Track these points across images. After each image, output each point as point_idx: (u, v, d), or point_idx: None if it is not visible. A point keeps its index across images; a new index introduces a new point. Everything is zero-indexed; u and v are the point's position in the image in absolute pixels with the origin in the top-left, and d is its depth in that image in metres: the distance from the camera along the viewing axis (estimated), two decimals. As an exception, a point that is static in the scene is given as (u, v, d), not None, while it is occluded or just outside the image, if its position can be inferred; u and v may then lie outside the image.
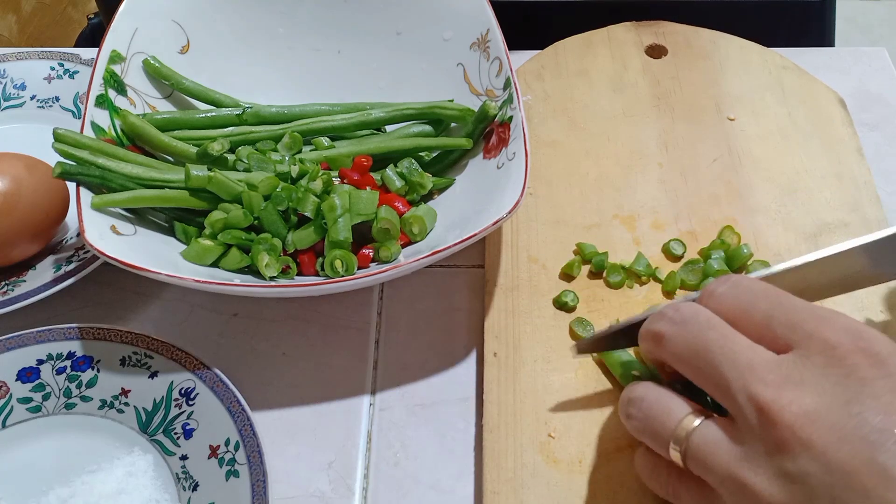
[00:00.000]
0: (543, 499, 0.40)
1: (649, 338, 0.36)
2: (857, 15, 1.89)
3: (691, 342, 0.34)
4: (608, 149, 0.55)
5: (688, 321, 0.35)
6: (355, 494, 0.42)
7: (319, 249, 0.47)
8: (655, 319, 0.36)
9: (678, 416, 0.34)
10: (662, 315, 0.36)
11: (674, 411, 0.34)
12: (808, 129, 0.55)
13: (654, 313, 0.37)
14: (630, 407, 0.36)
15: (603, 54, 0.60)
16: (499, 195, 0.45)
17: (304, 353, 0.48)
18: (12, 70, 0.60)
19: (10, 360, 0.45)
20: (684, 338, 0.34)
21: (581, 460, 0.41)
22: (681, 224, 0.50)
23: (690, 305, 0.36)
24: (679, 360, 0.35)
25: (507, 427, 0.42)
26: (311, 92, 0.56)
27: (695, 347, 0.34)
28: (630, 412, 0.36)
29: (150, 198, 0.46)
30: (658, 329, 0.36)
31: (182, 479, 0.42)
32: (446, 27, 0.55)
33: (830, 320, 0.32)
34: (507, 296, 0.47)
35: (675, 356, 0.35)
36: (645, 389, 0.36)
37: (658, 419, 0.34)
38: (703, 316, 0.35)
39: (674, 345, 0.35)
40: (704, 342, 0.34)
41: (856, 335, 0.31)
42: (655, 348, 0.36)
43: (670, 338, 0.35)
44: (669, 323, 0.35)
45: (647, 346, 0.37)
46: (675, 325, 0.35)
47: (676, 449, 0.33)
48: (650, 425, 0.35)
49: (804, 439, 0.29)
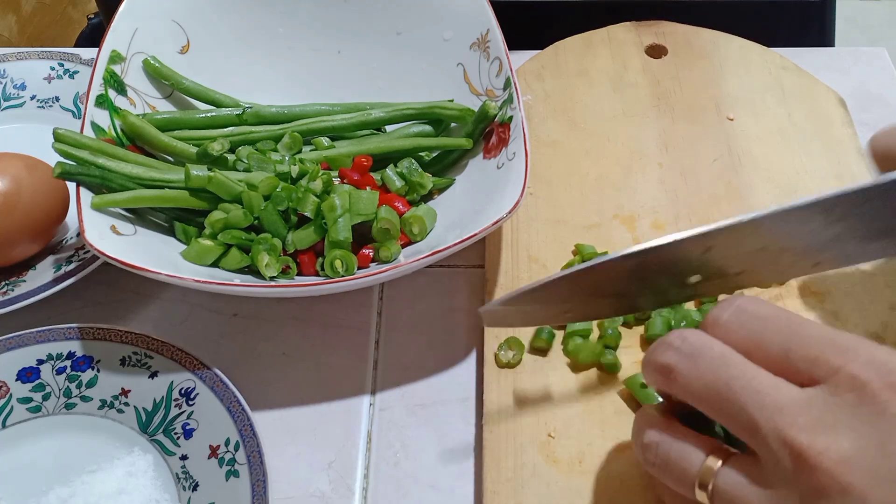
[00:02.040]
0: (543, 498, 0.40)
1: (657, 370, 0.34)
2: (857, 15, 1.89)
3: (709, 379, 0.32)
4: (608, 149, 0.55)
5: (699, 354, 0.33)
6: (355, 494, 0.42)
7: (319, 249, 0.47)
8: (661, 350, 0.34)
9: (699, 460, 0.32)
10: (668, 345, 0.34)
11: (693, 455, 0.33)
12: (808, 129, 0.55)
13: (659, 342, 0.35)
14: (647, 453, 0.34)
15: (603, 54, 0.60)
16: (499, 195, 0.45)
17: (304, 353, 0.48)
18: (12, 70, 0.60)
19: (10, 360, 0.44)
20: (699, 374, 0.32)
21: (581, 460, 0.41)
22: (681, 224, 0.50)
23: (698, 334, 0.34)
24: (694, 396, 0.33)
25: (507, 427, 0.42)
26: (311, 92, 0.56)
27: (714, 386, 0.32)
28: (648, 458, 0.34)
29: (150, 198, 0.46)
30: (666, 362, 0.34)
31: (182, 479, 0.42)
32: (446, 27, 0.55)
33: (854, 352, 0.31)
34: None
35: (690, 393, 0.33)
36: (658, 435, 0.34)
37: (678, 464, 0.33)
38: (717, 349, 0.33)
39: (687, 381, 0.33)
40: (724, 380, 0.32)
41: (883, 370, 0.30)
42: (664, 382, 0.34)
43: (682, 372, 0.33)
44: (678, 355, 0.33)
45: (653, 379, 0.35)
46: (685, 359, 0.33)
47: (703, 492, 0.32)
48: (671, 471, 0.33)
49: (843, 485, 0.28)
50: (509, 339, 0.45)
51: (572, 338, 0.44)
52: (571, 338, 0.44)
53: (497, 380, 0.44)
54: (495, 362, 0.44)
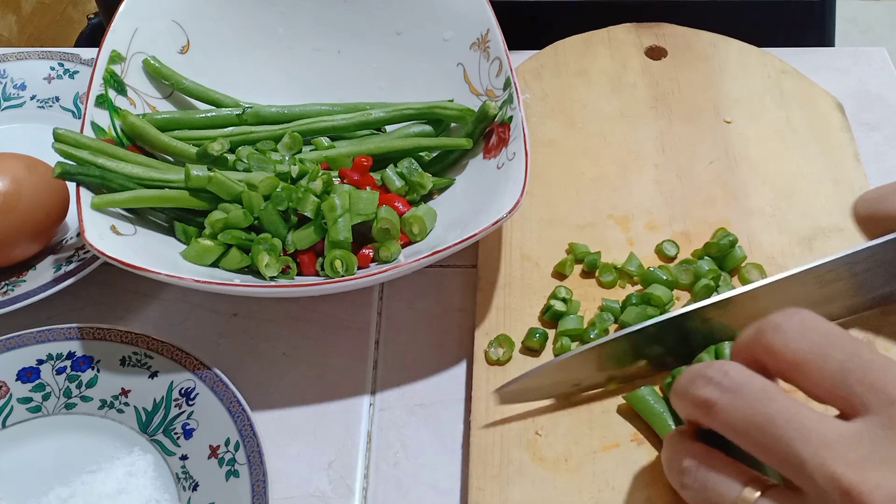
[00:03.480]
0: (529, 496, 0.40)
1: (695, 405, 0.33)
2: (857, 15, 1.89)
3: (751, 415, 0.31)
4: (605, 149, 0.55)
5: (742, 389, 0.32)
6: (355, 494, 0.42)
7: (319, 249, 0.47)
8: (701, 384, 0.33)
9: (737, 489, 0.32)
10: (707, 379, 0.33)
11: (731, 482, 0.32)
12: (805, 133, 0.55)
13: (695, 375, 0.34)
14: (683, 476, 0.34)
15: (602, 55, 0.60)
16: (499, 195, 0.45)
17: (304, 353, 0.48)
18: (12, 70, 0.60)
19: (10, 360, 0.45)
20: (741, 409, 0.32)
21: (567, 458, 0.41)
22: (675, 225, 0.50)
23: (738, 368, 0.33)
24: (735, 432, 0.32)
25: (494, 424, 0.42)
26: (311, 92, 0.56)
27: (756, 421, 0.31)
28: (685, 482, 0.34)
29: (150, 198, 0.46)
30: (707, 397, 0.33)
31: (182, 479, 0.42)
32: (446, 27, 0.55)
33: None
34: (499, 293, 0.47)
35: (731, 428, 0.32)
36: (697, 457, 0.34)
37: (716, 491, 0.32)
38: (758, 383, 0.32)
39: (728, 416, 0.32)
40: (767, 415, 0.31)
41: None
42: (703, 417, 0.33)
43: (723, 408, 0.32)
44: (719, 390, 0.32)
45: (690, 413, 0.34)
46: (726, 393, 0.32)
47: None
48: (708, 497, 0.33)
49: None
50: (499, 336, 0.45)
51: (562, 338, 0.45)
52: (562, 338, 0.45)
53: (486, 377, 0.44)
54: (485, 359, 0.45)
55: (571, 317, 0.45)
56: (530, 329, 0.45)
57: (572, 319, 0.45)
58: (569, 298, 0.46)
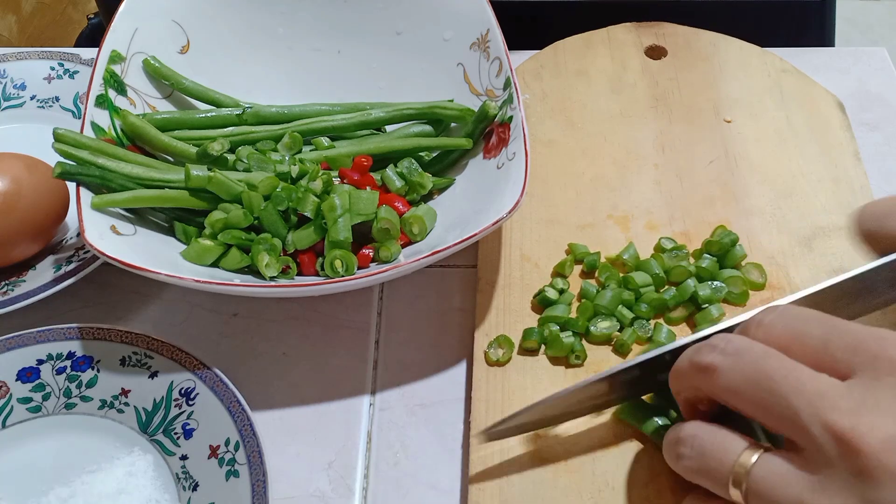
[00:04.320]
0: (528, 497, 0.40)
1: (696, 370, 0.34)
2: (857, 15, 1.89)
3: (750, 373, 0.32)
4: (605, 149, 0.55)
5: (743, 352, 0.33)
6: (355, 494, 0.42)
7: (319, 249, 0.47)
8: (704, 351, 0.34)
9: (736, 451, 0.32)
10: (712, 347, 0.34)
11: (730, 446, 0.33)
12: (805, 132, 0.55)
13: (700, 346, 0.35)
14: (680, 446, 0.34)
15: (602, 54, 0.60)
16: (499, 195, 0.45)
17: (305, 353, 0.48)
18: (12, 70, 0.60)
19: (10, 360, 0.45)
20: (741, 369, 0.33)
21: (567, 459, 0.41)
22: (675, 225, 0.50)
23: (741, 338, 0.34)
24: (734, 393, 0.33)
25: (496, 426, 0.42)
26: (311, 92, 0.56)
27: (755, 378, 0.32)
28: (681, 451, 0.34)
29: (150, 198, 0.46)
30: (709, 361, 0.34)
31: (182, 479, 0.42)
32: (446, 27, 0.55)
33: (893, 338, 0.31)
34: (499, 294, 0.47)
35: (730, 389, 0.33)
36: (695, 427, 0.34)
37: (714, 456, 0.33)
38: (759, 347, 0.33)
39: (728, 377, 0.33)
40: (765, 372, 0.32)
41: None
42: (703, 381, 0.34)
43: (724, 370, 0.33)
44: (722, 355, 0.33)
45: (689, 381, 0.35)
46: (728, 357, 0.33)
47: (737, 487, 0.32)
48: (706, 464, 0.33)
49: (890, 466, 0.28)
50: (499, 337, 0.45)
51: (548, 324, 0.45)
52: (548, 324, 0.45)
53: (486, 377, 0.44)
54: (485, 360, 0.45)
55: (560, 305, 0.45)
56: (525, 330, 0.45)
57: (560, 308, 0.45)
58: (565, 289, 0.46)
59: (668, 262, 0.47)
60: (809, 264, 0.48)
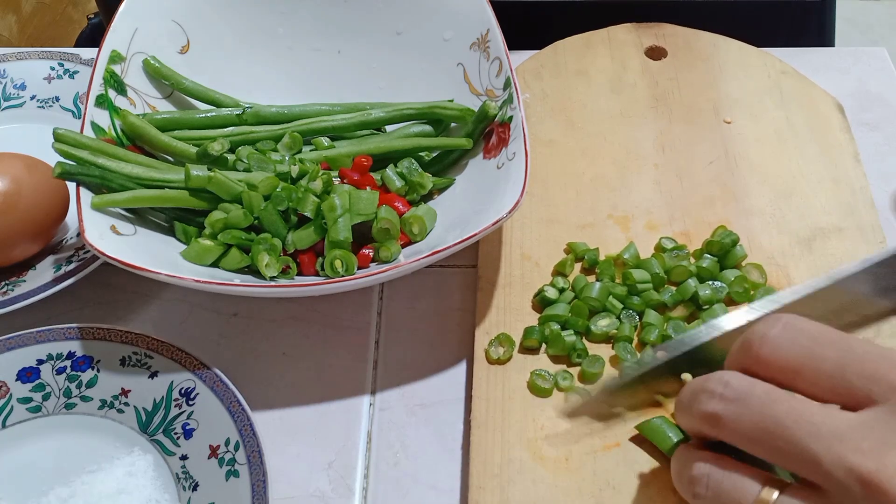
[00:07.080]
0: (529, 495, 0.40)
1: (702, 420, 0.33)
2: (857, 15, 1.89)
3: (759, 421, 0.31)
4: (605, 149, 0.55)
5: (745, 397, 0.32)
6: (355, 494, 0.42)
7: (319, 249, 0.47)
8: (704, 399, 0.33)
9: (754, 491, 0.31)
10: (710, 393, 0.33)
11: (747, 487, 0.31)
12: (805, 133, 0.55)
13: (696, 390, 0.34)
14: (695, 486, 0.33)
15: (602, 55, 0.60)
16: (499, 195, 0.45)
17: (304, 353, 0.48)
18: (12, 70, 0.60)
19: (10, 360, 0.45)
20: (748, 417, 0.31)
21: (568, 458, 0.41)
22: (675, 225, 0.50)
23: (738, 377, 0.33)
24: (746, 440, 0.32)
25: (495, 423, 0.42)
26: (311, 92, 0.56)
27: (764, 426, 0.31)
28: (697, 492, 0.33)
29: (150, 198, 0.46)
30: (712, 410, 0.32)
31: (182, 479, 0.42)
32: (446, 27, 0.55)
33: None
34: (500, 293, 0.47)
35: (741, 437, 0.32)
36: (708, 467, 0.33)
37: (731, 496, 0.32)
38: (760, 388, 0.32)
39: (736, 426, 0.32)
40: (775, 418, 0.31)
41: None
42: (711, 430, 0.33)
43: (731, 418, 0.32)
44: (723, 402, 0.32)
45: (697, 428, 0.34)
46: (731, 404, 0.32)
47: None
48: None
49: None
50: (500, 335, 0.45)
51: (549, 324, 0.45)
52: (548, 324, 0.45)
53: (486, 376, 0.44)
54: (485, 358, 0.45)
55: (561, 304, 0.45)
56: (526, 329, 0.45)
57: (561, 307, 0.45)
58: (566, 288, 0.47)
59: (668, 262, 0.47)
60: (809, 265, 0.48)
